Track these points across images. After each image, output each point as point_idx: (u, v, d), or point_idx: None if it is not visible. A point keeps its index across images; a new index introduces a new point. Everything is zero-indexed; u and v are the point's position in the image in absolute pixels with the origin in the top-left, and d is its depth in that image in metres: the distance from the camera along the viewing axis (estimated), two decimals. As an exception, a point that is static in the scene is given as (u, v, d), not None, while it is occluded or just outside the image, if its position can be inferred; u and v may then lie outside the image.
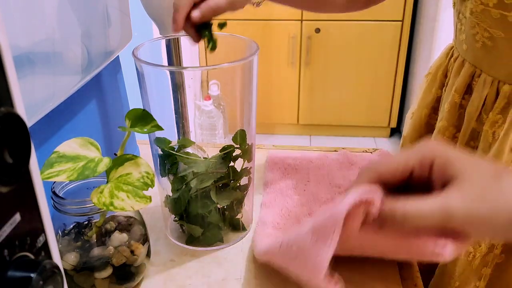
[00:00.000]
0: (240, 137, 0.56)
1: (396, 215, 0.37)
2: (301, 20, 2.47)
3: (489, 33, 0.62)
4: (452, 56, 0.73)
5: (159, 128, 0.49)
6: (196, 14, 0.54)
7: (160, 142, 0.56)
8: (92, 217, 0.49)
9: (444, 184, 0.37)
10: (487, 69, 0.66)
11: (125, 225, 0.51)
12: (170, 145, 0.56)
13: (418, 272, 0.54)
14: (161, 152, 0.56)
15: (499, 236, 0.41)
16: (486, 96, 0.66)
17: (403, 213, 0.36)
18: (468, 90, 0.70)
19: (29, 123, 0.28)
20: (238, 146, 0.56)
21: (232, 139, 0.56)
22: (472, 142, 0.70)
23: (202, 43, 0.61)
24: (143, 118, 0.49)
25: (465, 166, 0.37)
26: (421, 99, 0.81)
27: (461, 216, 0.35)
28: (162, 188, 0.58)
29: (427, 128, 0.80)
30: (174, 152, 0.56)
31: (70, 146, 0.44)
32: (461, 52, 0.71)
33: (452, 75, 0.72)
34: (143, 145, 0.80)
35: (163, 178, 0.58)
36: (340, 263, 0.55)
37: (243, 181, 0.58)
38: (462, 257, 0.68)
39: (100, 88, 0.65)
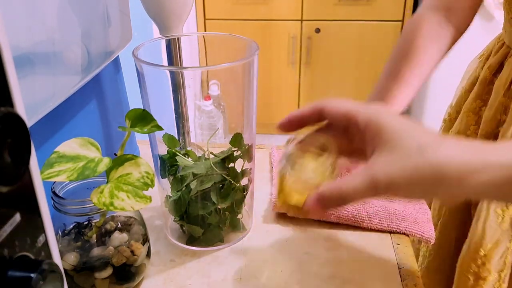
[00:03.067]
0: (237, 140, 0.56)
1: (335, 196, 0.42)
2: (301, 20, 2.47)
3: None
4: (500, 40, 0.81)
5: (159, 128, 0.49)
6: None
7: (170, 140, 0.56)
8: (92, 217, 0.49)
9: (374, 146, 0.42)
10: None
11: (125, 225, 0.51)
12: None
13: (418, 271, 0.54)
14: (162, 154, 0.56)
15: (420, 197, 0.46)
16: None
17: (340, 194, 0.42)
18: (500, 68, 0.76)
19: (29, 123, 0.28)
20: (235, 149, 0.56)
21: (230, 142, 0.56)
22: (499, 115, 0.76)
23: (202, 43, 0.61)
24: (143, 118, 0.49)
25: (393, 135, 0.41)
26: (467, 79, 0.87)
27: (384, 184, 0.40)
28: (162, 188, 0.58)
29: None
30: (179, 153, 0.55)
31: (70, 146, 0.44)
32: (503, 35, 0.78)
33: (491, 55, 0.80)
34: (143, 145, 0.80)
35: (163, 178, 0.58)
36: (341, 263, 0.55)
37: (243, 181, 0.58)
38: (491, 219, 0.74)
39: (100, 88, 0.65)
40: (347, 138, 0.47)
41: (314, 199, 0.44)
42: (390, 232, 0.61)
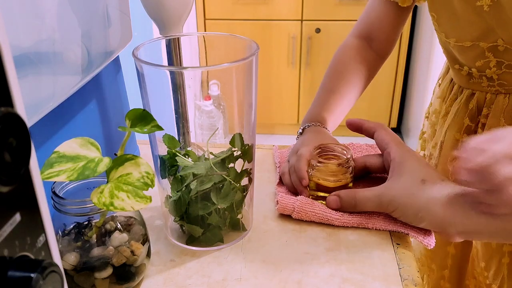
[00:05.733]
0: (237, 140, 0.56)
1: (350, 199, 0.58)
2: (301, 20, 2.47)
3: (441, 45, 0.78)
4: None
5: (159, 128, 0.49)
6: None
7: (170, 140, 0.56)
8: (92, 217, 0.49)
9: (393, 174, 0.58)
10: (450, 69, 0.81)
11: (125, 225, 0.51)
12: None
13: (418, 271, 0.54)
14: (162, 154, 0.56)
15: (411, 220, 0.56)
16: (447, 89, 0.82)
17: (354, 198, 0.58)
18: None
19: (29, 123, 0.28)
20: (235, 149, 0.56)
21: (229, 142, 0.56)
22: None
23: (202, 43, 0.61)
24: (143, 118, 0.49)
25: (405, 169, 0.56)
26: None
27: (387, 200, 0.56)
28: (162, 188, 0.58)
29: None
30: (179, 154, 0.55)
31: (70, 146, 0.44)
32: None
33: (444, 68, 0.88)
34: (143, 145, 0.80)
35: (163, 179, 0.58)
36: (341, 262, 0.56)
37: (243, 181, 0.58)
38: (478, 242, 0.80)
39: (100, 88, 0.65)
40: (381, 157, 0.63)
41: (334, 198, 0.59)
42: (391, 232, 0.61)
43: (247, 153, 0.57)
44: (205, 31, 2.56)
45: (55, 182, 0.48)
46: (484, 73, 0.70)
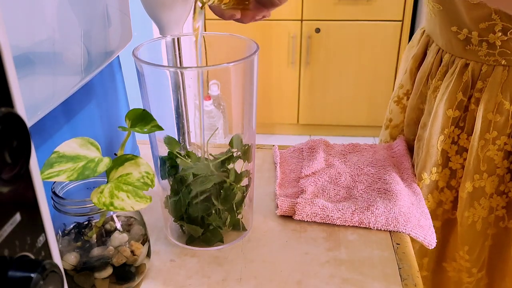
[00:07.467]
0: (236, 142, 0.56)
1: None
2: (301, 20, 2.47)
3: (432, 6, 0.71)
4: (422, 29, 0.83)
5: (159, 128, 0.49)
6: None
7: (171, 142, 0.56)
8: (92, 217, 0.49)
9: None
10: (435, 39, 0.75)
11: (125, 225, 0.51)
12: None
13: (418, 272, 0.54)
14: (162, 155, 0.56)
15: None
16: (433, 63, 0.75)
17: None
18: (424, 58, 0.80)
19: (29, 123, 0.28)
20: (235, 150, 0.56)
21: (228, 144, 0.56)
22: (421, 105, 0.78)
23: (202, 43, 0.61)
24: (143, 118, 0.49)
25: None
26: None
27: None
28: (162, 189, 0.58)
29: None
30: (179, 155, 0.55)
31: (70, 146, 0.44)
32: (425, 24, 0.81)
33: (415, 45, 0.83)
34: (143, 145, 0.80)
35: (164, 179, 0.58)
36: (341, 263, 0.56)
37: (243, 181, 0.58)
38: (462, 224, 0.76)
39: (100, 88, 0.65)
40: None
41: None
42: (391, 232, 0.61)
43: (247, 153, 0.57)
44: (205, 31, 2.56)
45: (55, 182, 0.48)
46: (486, 38, 0.65)
